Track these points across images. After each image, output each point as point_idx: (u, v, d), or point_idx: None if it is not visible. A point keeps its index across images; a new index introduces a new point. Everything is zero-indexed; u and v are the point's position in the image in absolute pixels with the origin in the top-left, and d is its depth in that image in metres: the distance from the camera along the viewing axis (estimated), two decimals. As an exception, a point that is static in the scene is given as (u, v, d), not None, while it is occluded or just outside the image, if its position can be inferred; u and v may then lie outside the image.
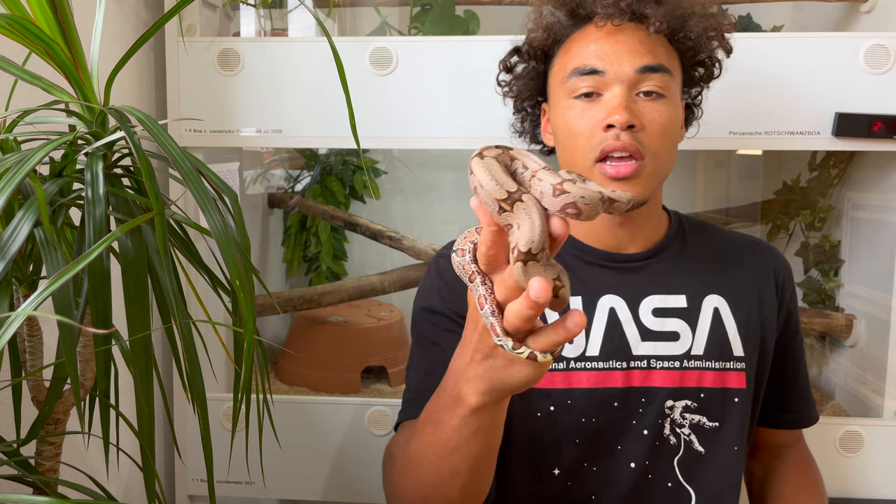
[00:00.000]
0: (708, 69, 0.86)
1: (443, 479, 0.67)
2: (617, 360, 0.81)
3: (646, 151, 0.76)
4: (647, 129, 0.77)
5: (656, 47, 0.79)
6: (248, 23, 1.36)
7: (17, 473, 0.64)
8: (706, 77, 0.87)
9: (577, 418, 0.80)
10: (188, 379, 0.61)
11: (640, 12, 0.78)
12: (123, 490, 1.10)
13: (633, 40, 0.78)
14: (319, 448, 1.18)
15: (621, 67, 0.76)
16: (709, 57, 0.85)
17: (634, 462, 0.80)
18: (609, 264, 0.84)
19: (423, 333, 0.85)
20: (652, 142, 0.77)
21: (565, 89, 0.80)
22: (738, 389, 0.82)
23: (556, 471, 0.81)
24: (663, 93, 0.78)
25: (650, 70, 0.77)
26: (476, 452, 0.64)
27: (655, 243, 0.86)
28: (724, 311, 0.84)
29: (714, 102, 0.93)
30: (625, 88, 0.76)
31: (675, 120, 0.80)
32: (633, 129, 0.76)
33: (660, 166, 0.79)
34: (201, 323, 0.74)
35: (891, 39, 1.03)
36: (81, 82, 0.60)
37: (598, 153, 0.76)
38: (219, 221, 0.56)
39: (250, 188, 1.46)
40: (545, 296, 0.47)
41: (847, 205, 1.33)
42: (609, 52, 0.77)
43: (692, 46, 0.82)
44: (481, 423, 0.62)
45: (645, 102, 0.77)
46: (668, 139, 0.79)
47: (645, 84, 0.77)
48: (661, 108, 0.78)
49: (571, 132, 0.79)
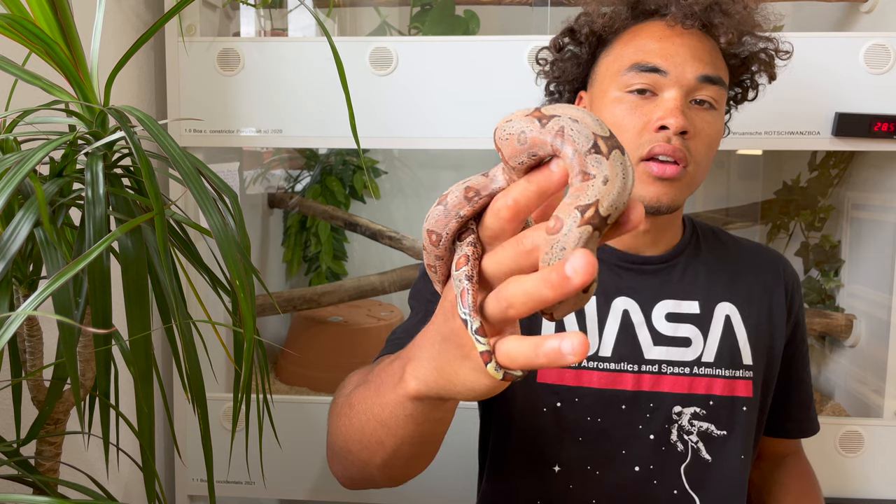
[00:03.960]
0: (745, 91, 0.87)
1: (366, 443, 0.59)
2: (629, 363, 0.81)
3: (691, 159, 0.76)
4: (696, 138, 0.76)
5: (717, 59, 0.79)
6: (248, 23, 1.36)
7: (17, 473, 0.64)
8: (741, 98, 0.88)
9: (582, 416, 0.80)
10: (188, 379, 0.61)
11: (711, 21, 0.78)
12: (123, 490, 1.10)
13: (699, 47, 0.77)
14: (319, 448, 1.18)
15: (683, 72, 0.76)
16: (751, 79, 0.85)
17: (639, 466, 0.80)
18: (626, 265, 0.84)
19: (421, 292, 0.84)
20: (699, 151, 0.77)
21: (619, 82, 0.79)
22: (746, 398, 0.82)
23: (557, 467, 0.81)
24: (716, 105, 0.78)
25: (709, 80, 0.76)
26: (405, 437, 0.55)
27: (672, 247, 0.86)
28: (735, 320, 0.84)
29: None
30: (682, 93, 0.76)
31: (720, 133, 0.80)
32: (684, 135, 0.75)
33: (699, 176, 0.79)
34: (201, 323, 0.74)
35: (891, 39, 1.03)
36: (81, 82, 0.60)
37: (646, 152, 0.76)
38: (219, 221, 0.56)
39: (250, 188, 1.46)
40: (587, 276, 0.33)
41: (847, 205, 1.33)
42: (674, 53, 0.76)
43: (742, 65, 0.82)
44: (416, 414, 0.52)
45: (698, 111, 0.77)
46: (712, 151, 0.79)
47: (701, 93, 0.77)
48: (712, 120, 0.78)
49: (619, 126, 0.78)
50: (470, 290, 0.40)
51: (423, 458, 0.60)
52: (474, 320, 0.39)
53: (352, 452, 0.62)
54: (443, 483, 1.15)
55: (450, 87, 1.09)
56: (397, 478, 0.62)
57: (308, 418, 1.17)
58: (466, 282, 0.40)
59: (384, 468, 0.60)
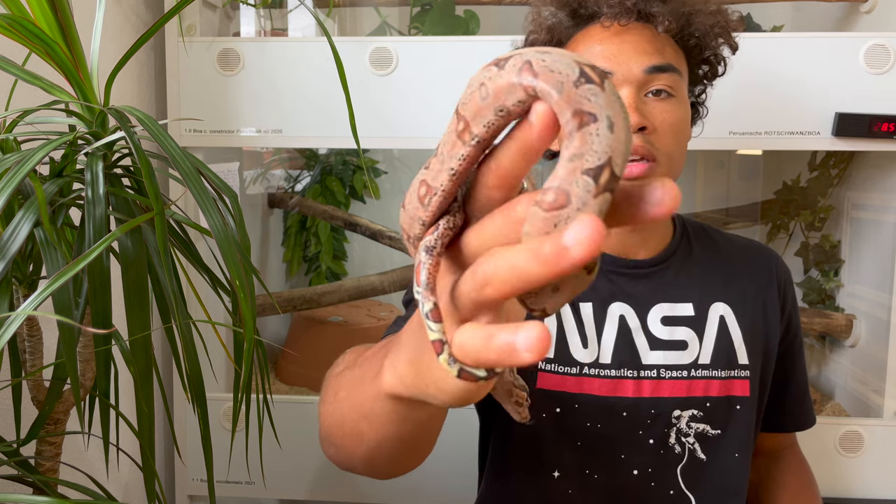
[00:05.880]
0: (713, 67, 0.85)
1: (347, 432, 0.53)
2: (628, 369, 0.80)
3: (658, 153, 0.75)
4: (658, 131, 0.75)
5: (664, 47, 0.77)
6: (248, 23, 1.36)
7: (17, 473, 0.64)
8: (711, 75, 0.86)
9: (582, 423, 0.79)
10: (188, 379, 0.61)
11: (647, 11, 0.77)
12: (123, 490, 1.10)
13: (640, 40, 0.76)
14: (319, 448, 1.17)
15: (629, 68, 0.75)
16: (714, 55, 0.84)
17: (637, 470, 0.80)
18: (618, 270, 0.83)
19: None
20: (664, 143, 0.76)
21: None
22: (742, 397, 0.82)
23: (556, 473, 0.81)
24: (673, 92, 0.76)
25: (659, 70, 0.75)
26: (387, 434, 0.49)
27: (663, 249, 0.85)
28: (730, 319, 0.83)
29: (714, 102, 0.93)
30: (634, 90, 0.75)
31: (684, 119, 0.78)
32: (644, 131, 0.74)
33: (672, 167, 0.78)
34: (201, 323, 0.74)
35: (891, 39, 1.03)
36: (81, 82, 0.60)
37: None
38: (219, 221, 0.56)
39: (250, 188, 1.46)
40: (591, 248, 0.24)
41: (847, 205, 1.33)
42: (616, 52, 0.76)
43: (697, 44, 0.81)
44: (394, 413, 0.45)
45: (654, 103, 0.76)
46: (679, 139, 0.78)
47: (653, 84, 0.76)
48: (671, 108, 0.76)
49: None
50: (427, 265, 0.31)
51: (411, 457, 0.53)
52: (427, 300, 0.31)
53: (335, 438, 0.57)
54: (443, 482, 1.15)
55: (450, 87, 1.09)
56: (382, 473, 0.57)
57: (308, 418, 1.17)
58: (425, 254, 0.32)
59: (366, 462, 0.54)
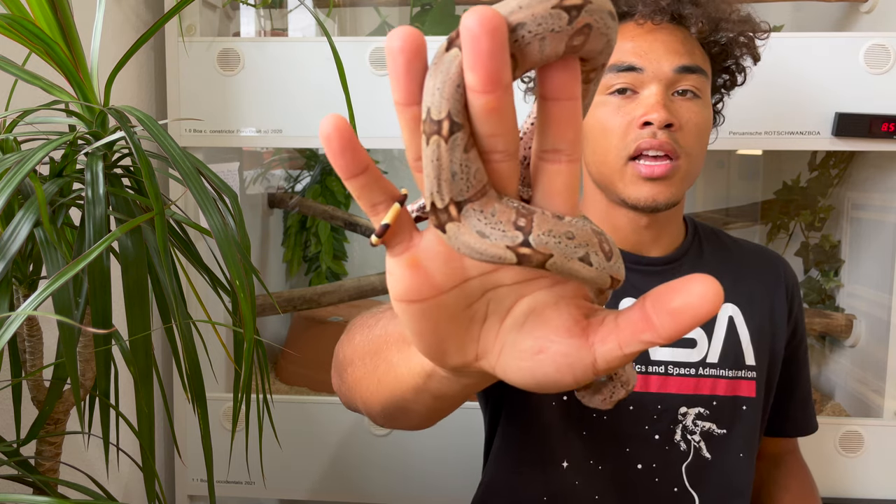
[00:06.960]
0: (733, 76, 0.86)
1: (365, 372, 0.52)
2: (636, 363, 0.81)
3: (681, 151, 0.76)
4: (683, 129, 0.76)
5: (694, 49, 0.79)
6: (248, 23, 1.36)
7: (17, 473, 0.64)
8: (730, 84, 0.87)
9: (588, 413, 0.80)
10: (188, 379, 0.61)
11: (680, 13, 0.78)
12: (123, 490, 1.10)
13: (672, 40, 0.77)
14: (319, 448, 1.18)
15: (660, 66, 0.76)
16: (736, 63, 0.85)
17: (642, 464, 0.80)
18: (631, 266, 0.84)
19: None
20: (688, 142, 0.77)
21: (600, 86, 0.78)
22: (748, 398, 0.83)
23: (565, 463, 0.81)
24: (699, 94, 0.78)
25: (688, 70, 0.77)
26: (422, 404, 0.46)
27: (675, 248, 0.86)
28: (738, 321, 0.84)
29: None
30: (662, 87, 0.76)
31: (708, 121, 0.80)
32: (670, 128, 0.75)
33: (693, 167, 0.79)
34: (201, 323, 0.74)
35: (891, 39, 1.03)
36: (81, 82, 0.60)
37: (633, 150, 0.75)
38: (219, 221, 0.56)
39: (250, 188, 1.46)
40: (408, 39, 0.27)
41: (847, 205, 1.33)
42: (648, 49, 0.77)
43: (722, 51, 0.82)
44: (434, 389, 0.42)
45: (681, 102, 0.77)
46: (702, 140, 0.79)
47: (681, 84, 0.77)
48: (697, 109, 0.77)
49: (604, 128, 0.78)
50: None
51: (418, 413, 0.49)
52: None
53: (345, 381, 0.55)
54: (443, 482, 1.15)
55: (450, 87, 1.09)
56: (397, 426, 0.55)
57: (308, 418, 1.17)
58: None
59: (384, 411, 0.51)
